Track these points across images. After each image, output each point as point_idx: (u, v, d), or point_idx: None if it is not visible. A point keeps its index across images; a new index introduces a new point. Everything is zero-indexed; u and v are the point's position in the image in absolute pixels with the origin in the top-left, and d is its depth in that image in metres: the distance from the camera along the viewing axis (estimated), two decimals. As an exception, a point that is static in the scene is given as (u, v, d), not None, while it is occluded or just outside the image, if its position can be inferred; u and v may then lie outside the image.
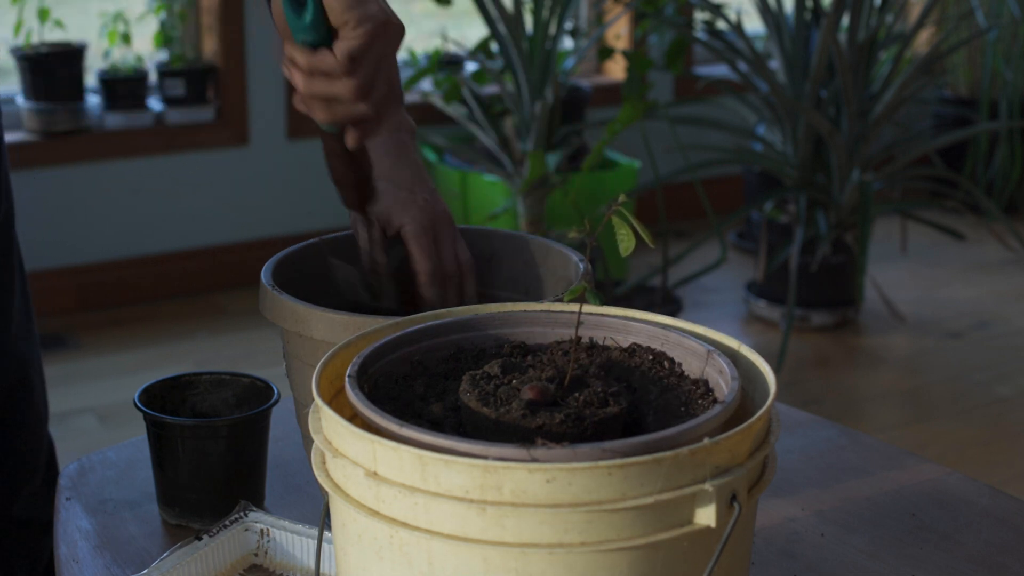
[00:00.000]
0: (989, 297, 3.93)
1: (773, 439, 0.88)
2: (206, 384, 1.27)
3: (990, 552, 1.16)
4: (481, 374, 0.92)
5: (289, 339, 1.16)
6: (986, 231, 4.26)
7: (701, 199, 3.63)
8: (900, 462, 1.32)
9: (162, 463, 1.21)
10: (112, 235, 3.67)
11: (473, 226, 1.31)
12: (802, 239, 3.52)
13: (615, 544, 0.80)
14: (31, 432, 1.45)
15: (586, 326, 1.01)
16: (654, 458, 0.79)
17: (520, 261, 1.29)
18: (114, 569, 1.15)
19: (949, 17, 4.50)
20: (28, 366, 1.43)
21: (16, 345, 1.41)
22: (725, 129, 3.69)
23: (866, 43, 3.52)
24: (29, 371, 1.43)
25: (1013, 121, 4.03)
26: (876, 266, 3.98)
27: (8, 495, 1.43)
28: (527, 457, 0.79)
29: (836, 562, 1.15)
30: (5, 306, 1.40)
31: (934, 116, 4.70)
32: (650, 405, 0.93)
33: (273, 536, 1.14)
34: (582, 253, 1.06)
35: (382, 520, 0.82)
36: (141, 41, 3.86)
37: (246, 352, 3.41)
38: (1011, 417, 3.21)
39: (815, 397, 3.27)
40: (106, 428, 3.02)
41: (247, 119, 3.82)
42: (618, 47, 4.21)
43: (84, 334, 3.52)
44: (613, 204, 0.95)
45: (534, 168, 3.47)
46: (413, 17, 5.10)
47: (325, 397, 0.91)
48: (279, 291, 1.15)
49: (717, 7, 3.66)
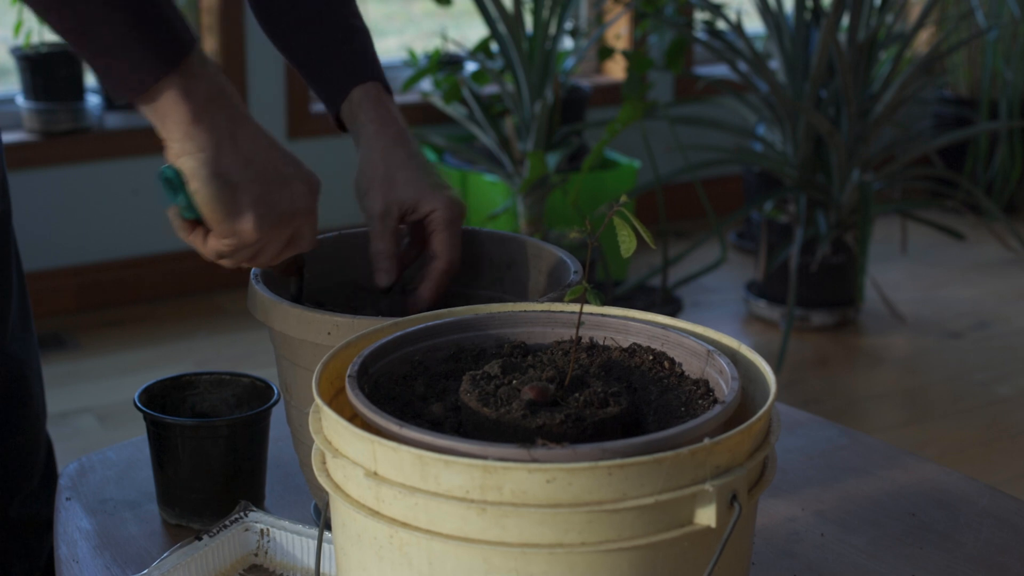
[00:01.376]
0: (989, 297, 3.93)
1: (773, 439, 0.88)
2: (206, 384, 1.27)
3: (990, 552, 1.16)
4: (481, 374, 0.92)
5: (276, 338, 1.16)
6: (986, 231, 4.26)
7: (701, 199, 3.63)
8: (900, 462, 1.32)
9: (162, 463, 1.21)
10: (112, 235, 3.67)
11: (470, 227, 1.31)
12: (802, 239, 3.52)
13: (615, 544, 0.80)
14: (28, 431, 1.45)
15: (586, 326, 1.01)
16: (654, 458, 0.79)
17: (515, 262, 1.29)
18: (114, 569, 1.15)
19: (949, 17, 4.50)
20: (24, 365, 1.43)
21: (12, 344, 1.41)
22: (725, 129, 3.69)
23: (866, 43, 3.52)
24: (25, 370, 1.43)
25: (1013, 121, 4.03)
26: (876, 266, 3.98)
27: (5, 495, 1.43)
28: (527, 457, 0.79)
29: (836, 562, 1.15)
30: (1, 305, 1.40)
31: (934, 116, 4.70)
32: (650, 405, 0.93)
33: (273, 536, 1.14)
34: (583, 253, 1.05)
35: (382, 520, 0.82)
36: (141, 41, 3.85)
37: (246, 352, 3.41)
38: (1011, 417, 3.21)
39: (815, 397, 3.27)
40: (106, 428, 3.02)
41: (247, 119, 3.82)
42: (618, 47, 4.21)
43: (84, 334, 3.52)
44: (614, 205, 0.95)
45: (534, 168, 3.47)
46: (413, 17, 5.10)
47: (325, 397, 0.91)
48: (266, 290, 1.14)
49: (717, 7, 3.66)
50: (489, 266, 1.28)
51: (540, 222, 3.66)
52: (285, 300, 1.12)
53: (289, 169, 1.01)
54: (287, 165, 1.02)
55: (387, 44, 5.06)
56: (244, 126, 1.00)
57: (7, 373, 1.41)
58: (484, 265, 1.29)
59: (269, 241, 1.03)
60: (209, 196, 0.99)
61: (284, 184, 1.00)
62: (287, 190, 1.01)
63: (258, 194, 1.00)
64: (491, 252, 1.28)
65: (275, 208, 1.00)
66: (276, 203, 1.00)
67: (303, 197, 1.02)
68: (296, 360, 1.13)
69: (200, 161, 0.98)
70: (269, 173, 1.00)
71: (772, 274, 3.68)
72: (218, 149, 0.98)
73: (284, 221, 1.01)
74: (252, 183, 0.99)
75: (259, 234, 1.00)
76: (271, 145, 1.01)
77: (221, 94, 0.99)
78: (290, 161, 1.03)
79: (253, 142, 0.99)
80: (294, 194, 1.01)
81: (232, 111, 0.99)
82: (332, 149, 3.95)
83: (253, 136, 1.00)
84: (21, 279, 1.45)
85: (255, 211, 1.00)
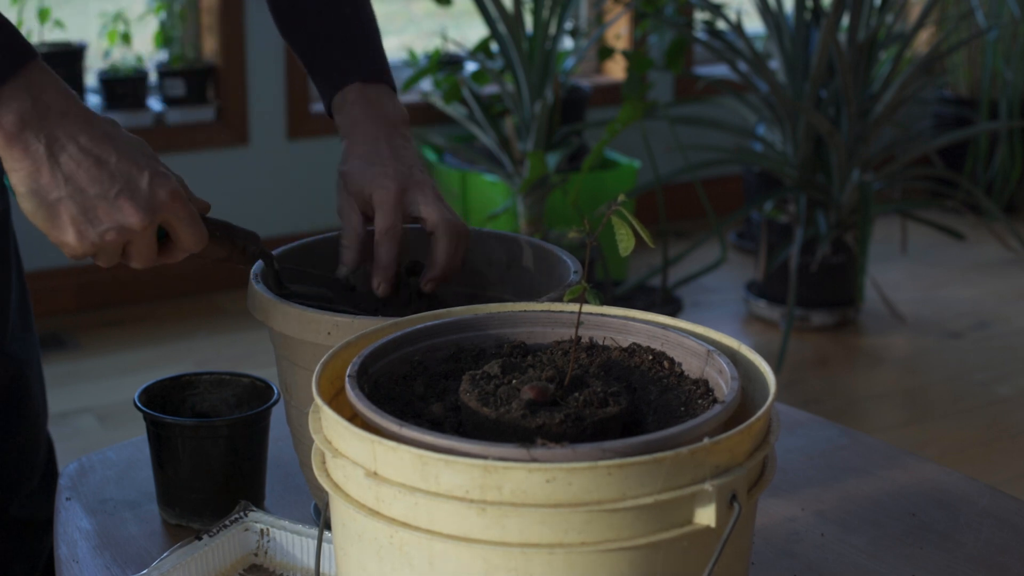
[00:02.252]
0: (989, 297, 3.93)
1: (773, 439, 0.88)
2: (206, 384, 1.27)
3: (990, 552, 1.16)
4: (481, 374, 0.92)
5: (276, 338, 1.16)
6: (986, 231, 4.26)
7: (701, 199, 3.63)
8: (900, 462, 1.32)
9: (162, 463, 1.21)
10: (112, 235, 3.67)
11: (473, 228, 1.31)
12: (802, 239, 3.52)
13: (615, 544, 0.79)
14: (28, 431, 1.45)
15: (586, 326, 1.01)
16: (654, 458, 0.79)
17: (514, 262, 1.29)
18: (114, 569, 1.15)
19: (949, 17, 4.50)
20: (24, 365, 1.43)
21: (11, 344, 1.41)
22: (725, 129, 3.69)
23: (866, 43, 3.52)
24: (25, 370, 1.43)
25: (1013, 121, 4.03)
26: (876, 266, 3.98)
27: (5, 494, 1.43)
28: (527, 457, 0.79)
29: (836, 562, 1.15)
30: (3, 304, 1.39)
31: (934, 116, 4.70)
32: (650, 405, 0.93)
33: (273, 536, 1.14)
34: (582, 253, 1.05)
35: (382, 520, 0.82)
36: (141, 41, 3.86)
37: (246, 352, 3.41)
38: (1011, 417, 3.21)
39: (815, 397, 3.27)
40: (106, 428, 3.02)
41: (247, 119, 3.82)
42: (618, 47, 4.21)
43: (84, 334, 3.52)
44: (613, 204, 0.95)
45: (534, 168, 3.47)
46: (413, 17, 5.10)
47: (325, 397, 0.91)
48: (266, 290, 1.14)
49: (717, 7, 3.66)
50: (489, 266, 1.28)
51: (540, 222, 3.66)
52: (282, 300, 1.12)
53: (116, 187, 1.02)
54: (115, 183, 1.02)
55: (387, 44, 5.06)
56: (72, 143, 1.01)
57: (6, 373, 1.41)
58: (484, 265, 1.29)
59: (102, 252, 1.05)
60: (28, 211, 1.02)
61: (105, 201, 1.02)
62: (109, 208, 1.02)
63: (75, 212, 1.02)
64: (491, 252, 1.28)
65: (96, 225, 1.02)
66: (97, 220, 1.02)
67: (129, 215, 1.03)
68: (296, 360, 1.13)
69: (18, 179, 1.01)
70: (90, 191, 1.01)
71: (772, 274, 3.68)
72: (35, 168, 1.00)
73: (108, 237, 1.03)
74: (70, 201, 1.01)
75: (83, 248, 1.03)
76: (99, 162, 1.02)
77: (47, 111, 1.00)
78: (120, 178, 1.03)
79: (78, 162, 1.01)
80: (117, 212, 1.03)
81: (58, 130, 1.00)
82: (332, 149, 3.95)
83: (80, 154, 1.01)
84: (21, 278, 1.45)
85: (75, 227, 1.02)
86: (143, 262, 1.07)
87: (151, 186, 1.04)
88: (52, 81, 1.02)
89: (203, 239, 1.09)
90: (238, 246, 1.16)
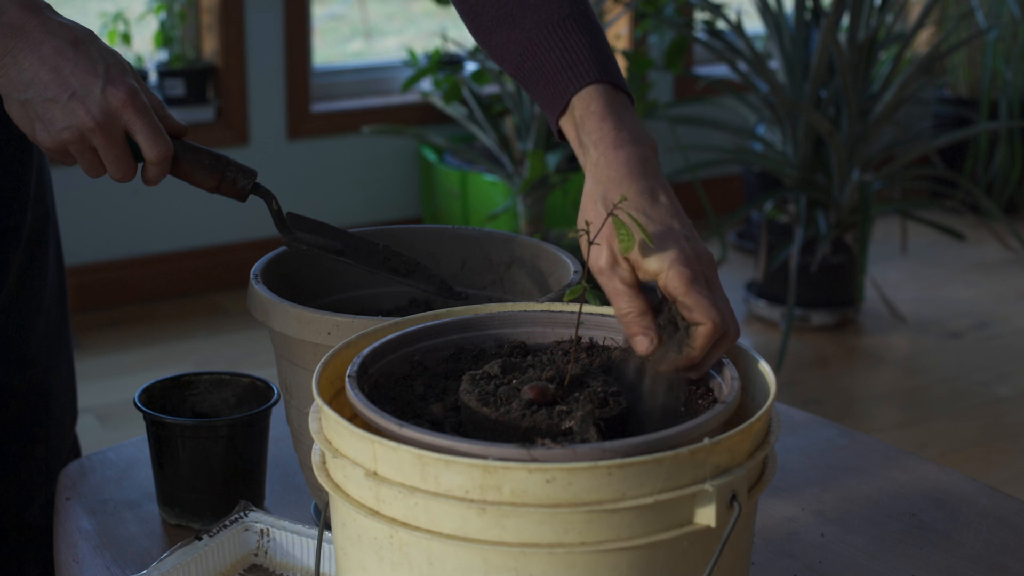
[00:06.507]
0: (989, 297, 3.93)
1: (773, 439, 0.88)
2: (206, 384, 1.27)
3: (990, 552, 1.16)
4: (481, 374, 0.92)
5: (276, 338, 1.16)
6: (986, 231, 4.26)
7: (701, 199, 3.63)
8: (900, 462, 1.32)
9: (162, 463, 1.21)
10: (112, 235, 3.67)
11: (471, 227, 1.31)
12: (802, 239, 3.52)
13: (615, 544, 0.79)
14: (48, 440, 1.44)
15: (586, 326, 1.01)
16: (654, 458, 0.79)
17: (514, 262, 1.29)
18: (114, 569, 1.15)
19: (949, 17, 4.50)
20: (49, 373, 1.42)
21: (36, 352, 1.40)
22: (725, 129, 3.69)
23: (866, 43, 3.52)
24: (50, 378, 1.42)
25: (1013, 121, 4.03)
26: (876, 266, 3.97)
27: (23, 500, 1.42)
28: (527, 457, 0.79)
29: (836, 562, 1.15)
30: (31, 313, 1.38)
31: (934, 116, 4.70)
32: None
33: (273, 536, 1.14)
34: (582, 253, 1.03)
35: (382, 520, 0.82)
36: (141, 41, 3.86)
37: (246, 352, 3.41)
38: (1011, 417, 3.21)
39: (815, 397, 3.27)
40: (106, 428, 3.02)
41: (247, 119, 3.82)
42: (618, 47, 4.21)
43: (84, 334, 3.52)
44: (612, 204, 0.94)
45: (534, 168, 3.47)
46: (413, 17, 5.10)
47: (325, 397, 0.91)
48: (266, 290, 1.14)
49: (717, 7, 3.66)
50: (489, 266, 1.29)
51: (540, 222, 3.66)
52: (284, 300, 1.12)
53: (68, 92, 1.14)
54: (68, 88, 1.14)
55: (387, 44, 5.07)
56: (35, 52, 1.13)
57: (28, 382, 1.40)
58: (484, 265, 1.29)
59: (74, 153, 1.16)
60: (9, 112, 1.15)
61: (58, 104, 1.13)
62: (63, 109, 1.13)
63: (37, 112, 1.14)
64: (491, 252, 1.28)
65: (53, 124, 1.14)
66: (53, 119, 1.14)
67: (81, 115, 1.13)
68: (296, 360, 1.13)
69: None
70: (46, 94, 1.14)
71: (772, 274, 3.68)
72: (4, 74, 1.13)
73: (64, 135, 1.14)
74: (32, 102, 1.14)
75: (50, 143, 1.15)
76: (54, 69, 1.14)
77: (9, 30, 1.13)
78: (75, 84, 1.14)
79: (35, 70, 1.13)
80: (70, 114, 1.13)
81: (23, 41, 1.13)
82: (332, 149, 3.95)
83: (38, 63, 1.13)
84: (62, 288, 1.44)
85: (39, 124, 1.14)
86: (118, 171, 1.16)
87: (104, 91, 1.14)
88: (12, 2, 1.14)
89: (164, 149, 1.17)
90: (228, 177, 1.19)
